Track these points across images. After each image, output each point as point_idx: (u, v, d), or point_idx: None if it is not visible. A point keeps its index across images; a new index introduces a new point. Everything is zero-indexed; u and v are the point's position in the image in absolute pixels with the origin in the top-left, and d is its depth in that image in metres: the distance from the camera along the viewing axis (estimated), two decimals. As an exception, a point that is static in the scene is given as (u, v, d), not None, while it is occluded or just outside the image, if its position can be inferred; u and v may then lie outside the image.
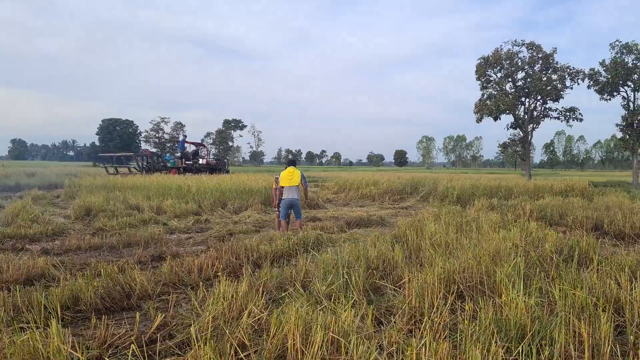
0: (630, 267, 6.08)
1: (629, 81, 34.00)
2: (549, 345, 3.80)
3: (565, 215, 13.56)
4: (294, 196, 10.62)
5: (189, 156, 36.31)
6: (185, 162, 35.23)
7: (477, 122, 40.19)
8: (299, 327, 3.89)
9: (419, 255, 7.43)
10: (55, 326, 3.82)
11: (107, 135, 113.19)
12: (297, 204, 10.75)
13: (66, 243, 9.28)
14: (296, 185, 10.61)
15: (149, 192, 18.40)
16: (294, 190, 10.64)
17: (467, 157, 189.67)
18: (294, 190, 10.64)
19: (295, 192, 10.65)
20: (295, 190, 10.65)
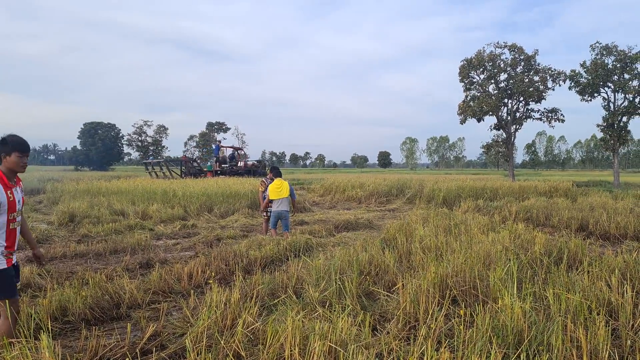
0: (620, 269, 6.13)
1: (609, 82, 34.44)
2: (547, 351, 3.80)
3: (551, 216, 13.69)
4: (283, 208, 10.54)
5: (226, 160, 36.48)
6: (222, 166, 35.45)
7: (460, 124, 40.46)
8: (295, 337, 3.84)
9: (409, 259, 7.42)
10: (46, 339, 3.72)
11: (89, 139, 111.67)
12: (287, 216, 10.65)
13: (51, 251, 9.11)
14: (285, 197, 10.53)
15: (134, 197, 18.17)
16: (284, 202, 10.55)
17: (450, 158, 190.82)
18: (284, 202, 10.55)
19: (284, 204, 10.56)
20: (284, 202, 10.55)
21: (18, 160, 4.03)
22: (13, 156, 4.00)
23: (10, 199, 3.98)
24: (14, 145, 4.00)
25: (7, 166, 4.02)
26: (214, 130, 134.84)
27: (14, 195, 4.05)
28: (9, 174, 4.06)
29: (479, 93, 39.50)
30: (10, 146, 3.99)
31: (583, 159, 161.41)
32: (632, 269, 6.24)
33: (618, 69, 33.97)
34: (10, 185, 4.04)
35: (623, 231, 11.45)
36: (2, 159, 4.01)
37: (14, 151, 4.00)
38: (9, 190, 4.01)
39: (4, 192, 3.94)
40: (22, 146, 4.05)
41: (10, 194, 4.00)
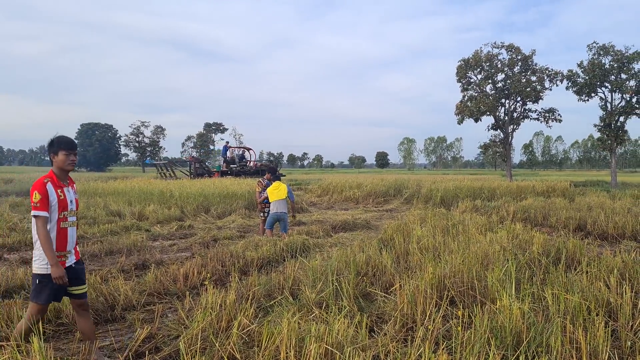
0: (619, 269, 6.09)
1: (606, 82, 34.43)
2: (546, 353, 3.75)
3: (549, 216, 13.68)
4: (281, 210, 10.47)
5: (235, 160, 36.42)
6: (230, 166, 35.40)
7: (458, 124, 40.39)
8: (291, 339, 3.78)
9: (407, 260, 7.38)
10: (37, 342, 3.66)
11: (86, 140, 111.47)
12: (285, 218, 10.59)
13: (46, 252, 9.02)
14: (283, 198, 10.47)
15: (131, 197, 18.11)
16: (281, 204, 10.48)
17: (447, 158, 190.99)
18: (281, 204, 10.48)
19: (282, 206, 10.49)
20: (282, 204, 10.49)
21: (65, 159, 4.11)
22: (60, 155, 4.09)
23: (60, 197, 4.05)
24: (60, 144, 4.10)
25: (57, 165, 4.13)
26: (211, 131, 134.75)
27: (64, 194, 4.12)
28: (60, 174, 4.16)
29: (476, 93, 39.47)
30: (56, 146, 4.10)
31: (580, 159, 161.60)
32: (631, 269, 6.21)
33: (615, 68, 33.97)
34: (62, 184, 4.13)
35: (621, 231, 11.44)
36: (52, 160, 4.12)
37: (60, 150, 4.09)
38: (60, 189, 4.09)
39: (54, 191, 4.02)
40: (67, 144, 4.13)
41: (60, 192, 4.08)
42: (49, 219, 3.97)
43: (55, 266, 3.88)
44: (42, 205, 3.89)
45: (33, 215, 3.90)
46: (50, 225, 3.99)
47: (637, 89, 33.39)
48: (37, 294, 3.99)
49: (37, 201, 3.89)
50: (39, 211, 3.88)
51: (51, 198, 3.97)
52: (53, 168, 4.15)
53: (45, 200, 3.91)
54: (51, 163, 4.15)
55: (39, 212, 3.89)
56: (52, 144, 4.11)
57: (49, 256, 3.88)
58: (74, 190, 4.34)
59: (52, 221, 4.01)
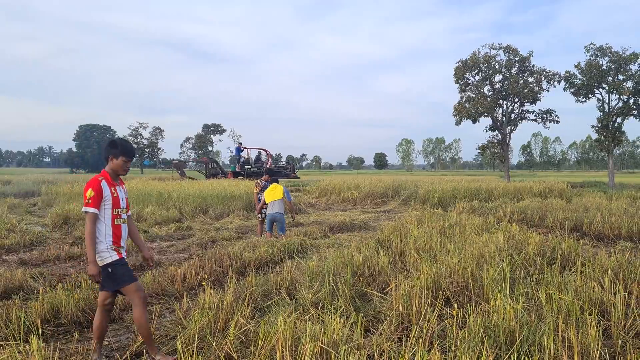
0: (613, 269, 6.15)
1: (604, 83, 34.57)
2: (538, 352, 3.80)
3: (545, 216, 13.72)
4: (277, 210, 10.48)
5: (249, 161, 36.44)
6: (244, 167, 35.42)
7: (456, 125, 40.49)
8: (287, 338, 3.83)
9: (403, 260, 7.43)
10: (36, 342, 3.71)
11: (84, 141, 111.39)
12: (281, 219, 10.60)
13: (45, 253, 9.07)
14: (279, 199, 10.49)
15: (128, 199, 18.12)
16: (277, 204, 10.51)
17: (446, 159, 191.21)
18: (277, 204, 10.51)
19: (278, 206, 10.51)
20: (278, 204, 10.50)
21: (123, 164, 4.27)
22: (120, 160, 4.24)
23: (113, 195, 4.19)
24: (123, 151, 4.24)
25: (112, 167, 4.27)
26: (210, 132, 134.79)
27: (117, 192, 4.26)
28: (113, 175, 4.29)
29: (474, 94, 39.57)
30: (119, 150, 4.23)
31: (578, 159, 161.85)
32: (625, 270, 6.26)
33: (612, 70, 34.12)
34: (114, 183, 4.27)
35: (617, 232, 11.49)
36: (109, 160, 4.25)
37: (122, 155, 4.23)
38: (112, 187, 4.22)
39: (108, 188, 4.15)
40: (130, 152, 4.29)
41: (113, 190, 4.21)
42: (103, 215, 4.09)
43: (92, 264, 3.96)
44: (94, 202, 4.01)
45: (83, 211, 4.01)
46: (106, 221, 4.12)
47: (634, 90, 33.52)
48: (122, 278, 4.12)
49: (89, 198, 4.00)
50: (89, 207, 4.00)
51: (105, 194, 4.09)
52: (107, 168, 4.26)
53: (97, 197, 4.03)
54: (105, 162, 4.27)
55: (89, 209, 4.00)
56: (115, 146, 4.23)
57: (89, 253, 3.97)
58: (125, 191, 4.46)
59: (107, 217, 4.13)
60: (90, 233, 3.97)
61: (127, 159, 4.25)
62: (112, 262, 4.07)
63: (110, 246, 4.11)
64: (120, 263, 4.12)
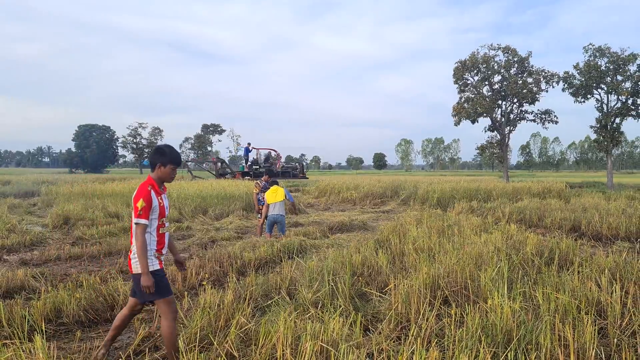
0: (610, 269, 6.20)
1: (602, 84, 34.60)
2: (535, 350, 3.85)
3: (544, 217, 13.78)
4: (278, 212, 10.54)
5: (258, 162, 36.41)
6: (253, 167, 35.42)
7: (455, 125, 40.56)
8: (287, 337, 3.88)
9: (402, 260, 7.48)
10: (40, 341, 3.76)
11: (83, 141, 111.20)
12: (282, 220, 10.66)
13: (45, 253, 9.11)
14: (280, 201, 10.54)
15: (129, 199, 18.15)
16: (279, 206, 10.57)
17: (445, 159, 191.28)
18: (279, 206, 10.57)
19: (279, 208, 10.57)
20: (279, 206, 10.56)
21: (171, 172, 4.23)
22: (168, 168, 4.19)
23: (160, 204, 4.16)
24: (172, 159, 4.19)
25: (159, 175, 4.21)
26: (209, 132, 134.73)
27: (163, 201, 4.23)
28: (159, 182, 4.24)
29: (473, 95, 39.63)
30: (168, 158, 4.18)
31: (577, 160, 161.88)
32: (622, 269, 6.32)
33: (611, 70, 34.16)
34: (160, 192, 4.22)
35: (615, 232, 11.55)
36: (157, 168, 4.18)
37: (170, 163, 4.19)
38: (159, 196, 4.18)
39: (156, 197, 4.11)
40: (178, 160, 4.25)
41: (160, 199, 4.17)
42: (150, 225, 4.06)
43: (146, 275, 3.94)
44: (145, 214, 3.96)
45: (135, 223, 3.96)
46: (151, 231, 4.08)
47: (632, 91, 33.57)
48: (160, 290, 4.06)
49: (141, 209, 3.95)
50: (141, 219, 3.96)
51: (154, 205, 4.05)
52: (153, 175, 4.20)
53: (148, 208, 3.99)
54: (152, 169, 4.21)
55: (141, 220, 3.96)
56: (163, 153, 4.16)
57: (142, 264, 3.93)
58: (167, 197, 4.42)
59: (153, 227, 4.09)
60: (142, 244, 3.94)
61: (175, 166, 4.22)
62: (153, 271, 4.04)
63: (153, 254, 4.09)
64: (160, 274, 4.09)
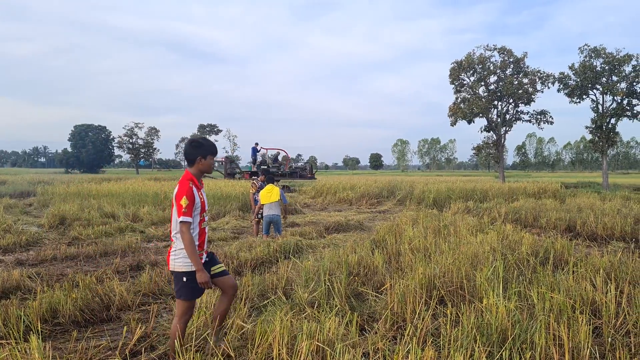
0: (605, 269, 6.23)
1: (598, 84, 34.70)
2: (530, 349, 3.88)
3: (539, 217, 13.84)
4: (274, 212, 10.56)
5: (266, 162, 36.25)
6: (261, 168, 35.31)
7: (451, 126, 40.63)
8: (284, 337, 3.89)
9: (398, 260, 7.50)
10: (35, 341, 3.76)
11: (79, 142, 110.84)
12: (278, 220, 10.69)
13: (41, 253, 9.09)
14: (276, 201, 10.55)
15: (125, 199, 18.16)
16: (274, 206, 10.58)
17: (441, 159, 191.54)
18: (274, 206, 10.58)
19: (275, 208, 10.58)
20: (275, 206, 10.58)
21: (212, 163, 4.21)
22: (208, 159, 4.15)
23: (201, 200, 4.12)
24: (210, 149, 4.16)
25: (200, 168, 4.15)
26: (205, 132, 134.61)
27: (203, 196, 4.18)
28: (199, 176, 4.20)
29: (469, 95, 39.71)
30: (206, 149, 4.13)
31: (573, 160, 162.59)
32: (617, 269, 6.36)
33: (606, 71, 34.27)
34: (200, 186, 4.19)
35: (610, 232, 11.60)
36: (197, 162, 4.12)
37: (209, 154, 4.15)
38: (199, 191, 4.14)
39: (197, 194, 4.07)
40: (215, 149, 4.22)
41: (200, 194, 4.13)
42: (193, 221, 4.01)
43: (201, 271, 3.91)
44: (189, 211, 3.92)
45: (180, 221, 3.90)
46: (194, 227, 4.04)
47: (628, 91, 33.68)
48: (187, 291, 4.01)
49: (185, 206, 3.90)
50: (186, 217, 3.91)
51: (196, 201, 4.02)
52: (193, 170, 4.13)
53: (191, 205, 3.96)
54: (190, 164, 4.14)
55: (186, 218, 3.91)
56: (201, 145, 4.12)
57: (194, 261, 3.89)
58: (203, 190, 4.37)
59: (195, 223, 4.05)
60: (190, 241, 3.89)
61: (213, 156, 4.19)
62: (188, 271, 3.98)
63: None
64: (193, 277, 3.98)
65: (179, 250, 3.98)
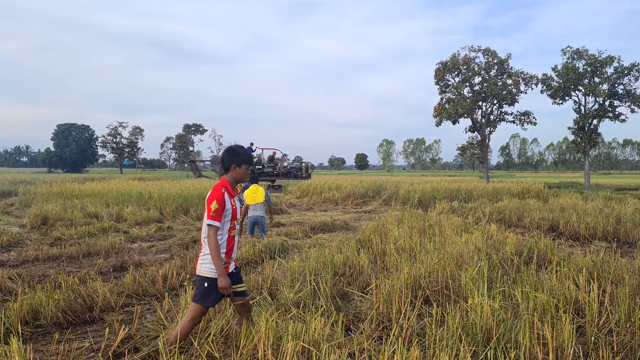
0: (588, 268, 6.30)
1: (580, 86, 35.15)
2: (514, 348, 3.90)
3: (523, 217, 13.96)
4: (258, 214, 10.50)
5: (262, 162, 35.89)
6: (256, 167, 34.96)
7: (436, 126, 40.92)
8: (269, 337, 3.87)
9: (384, 260, 7.51)
10: (16, 343, 3.69)
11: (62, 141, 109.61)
12: (262, 221, 10.63)
13: (23, 254, 8.96)
14: (260, 202, 10.49)
15: (108, 199, 17.96)
16: (259, 207, 10.53)
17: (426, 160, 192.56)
18: (259, 207, 10.53)
19: (259, 209, 10.53)
20: (259, 207, 10.52)
21: (246, 172, 4.22)
22: (243, 168, 4.18)
23: (233, 207, 4.12)
24: (245, 158, 4.18)
25: (234, 177, 4.18)
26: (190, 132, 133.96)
27: (235, 204, 4.19)
28: (233, 184, 4.21)
29: (454, 96, 40.01)
30: (242, 158, 4.16)
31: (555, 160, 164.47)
32: (599, 269, 6.43)
33: (588, 72, 34.73)
34: (233, 194, 4.19)
35: (592, 231, 11.74)
36: (231, 169, 4.15)
37: (244, 163, 4.17)
38: (232, 198, 4.15)
39: (229, 201, 4.08)
40: (250, 159, 4.25)
41: (233, 202, 4.14)
42: (222, 227, 4.02)
43: (222, 276, 3.89)
44: (217, 215, 3.94)
45: (207, 224, 3.93)
46: (223, 233, 4.05)
47: (609, 93, 34.17)
48: (204, 297, 4.00)
49: (214, 210, 3.93)
50: (213, 221, 3.92)
51: (227, 207, 4.02)
52: (228, 177, 4.17)
53: (221, 210, 3.97)
54: (225, 171, 4.17)
55: (213, 222, 3.93)
56: (237, 154, 4.15)
57: (217, 266, 3.88)
58: (238, 198, 4.36)
59: (224, 229, 4.06)
60: (215, 246, 3.90)
61: (248, 166, 4.21)
62: (212, 277, 3.97)
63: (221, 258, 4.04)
64: (215, 285, 3.96)
65: (206, 256, 3.99)
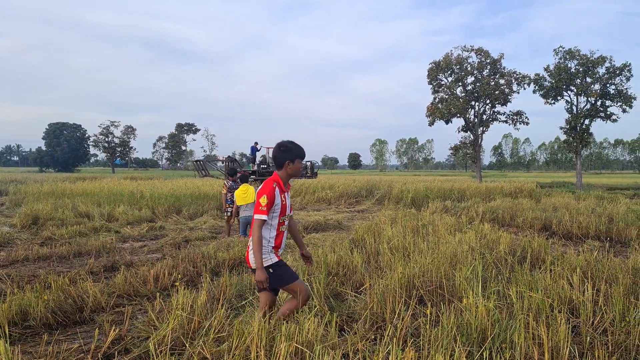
0: (581, 267, 6.29)
1: (572, 86, 35.32)
2: (510, 349, 3.87)
3: (516, 216, 13.97)
4: (249, 214, 10.44)
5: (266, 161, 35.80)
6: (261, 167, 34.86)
7: (429, 125, 41.01)
8: (262, 338, 3.82)
9: (377, 260, 7.47)
10: (3, 345, 3.62)
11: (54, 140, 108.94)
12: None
13: (12, 254, 8.85)
14: (251, 202, 10.42)
15: (100, 198, 17.84)
16: (250, 207, 10.46)
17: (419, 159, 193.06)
18: (250, 207, 10.46)
19: (250, 209, 10.45)
20: (250, 207, 10.45)
21: (300, 167, 4.25)
22: (297, 163, 4.21)
23: (283, 202, 4.18)
24: (299, 153, 4.21)
25: (289, 172, 4.23)
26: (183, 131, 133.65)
27: (286, 199, 4.25)
28: (286, 180, 4.26)
29: (447, 95, 40.11)
30: (295, 153, 4.19)
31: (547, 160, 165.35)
32: (593, 268, 6.42)
33: (580, 72, 34.90)
34: (285, 190, 4.25)
35: (585, 231, 11.75)
36: (285, 166, 4.19)
37: (297, 158, 4.21)
38: (283, 194, 4.20)
39: (280, 196, 4.13)
40: (303, 153, 4.27)
41: (283, 198, 4.19)
42: (271, 222, 4.11)
43: (260, 270, 3.96)
44: (266, 210, 4.01)
45: (255, 217, 4.00)
46: (271, 228, 4.14)
47: (601, 93, 34.35)
48: (283, 279, 4.18)
49: (263, 205, 3.99)
50: (261, 214, 4.00)
51: (276, 202, 4.08)
52: (281, 173, 4.21)
53: (270, 205, 4.03)
54: (279, 167, 4.20)
55: (261, 216, 4.00)
56: (290, 150, 4.17)
57: (257, 259, 3.96)
58: (289, 195, 4.38)
59: (274, 224, 4.14)
60: (259, 239, 3.98)
61: (302, 160, 4.23)
62: (272, 264, 4.11)
63: (270, 250, 4.14)
64: (279, 264, 4.15)
65: None
